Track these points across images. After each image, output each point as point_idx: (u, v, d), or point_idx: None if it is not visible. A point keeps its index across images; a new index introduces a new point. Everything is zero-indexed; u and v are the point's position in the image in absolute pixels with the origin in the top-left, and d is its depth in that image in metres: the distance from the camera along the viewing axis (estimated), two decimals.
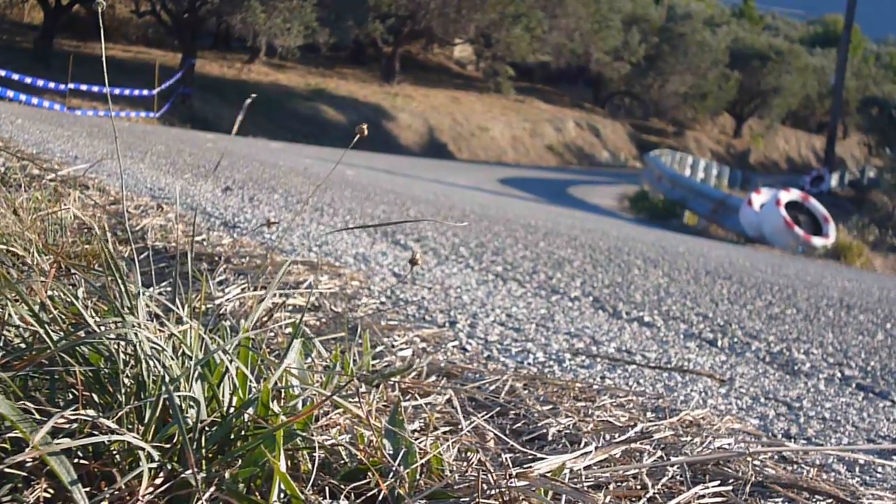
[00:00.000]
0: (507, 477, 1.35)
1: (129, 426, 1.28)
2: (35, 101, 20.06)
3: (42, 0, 26.69)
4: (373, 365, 2.06)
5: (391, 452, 1.39)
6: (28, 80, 20.02)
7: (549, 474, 1.42)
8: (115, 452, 1.25)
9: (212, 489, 1.22)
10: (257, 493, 1.27)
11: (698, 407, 2.30)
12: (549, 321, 3.34)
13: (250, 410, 1.32)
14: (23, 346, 1.40)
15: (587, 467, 1.56)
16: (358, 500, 1.32)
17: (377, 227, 3.17)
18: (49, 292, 1.51)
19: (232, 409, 1.35)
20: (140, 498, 1.18)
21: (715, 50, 42.01)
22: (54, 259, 2.03)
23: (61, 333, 1.38)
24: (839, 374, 3.33)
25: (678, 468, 1.62)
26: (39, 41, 26.05)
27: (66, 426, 1.23)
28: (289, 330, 2.06)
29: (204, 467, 1.26)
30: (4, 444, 1.23)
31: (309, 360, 1.69)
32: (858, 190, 32.13)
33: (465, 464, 1.45)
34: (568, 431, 1.81)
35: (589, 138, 39.68)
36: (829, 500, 1.63)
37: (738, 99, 46.31)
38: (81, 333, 1.36)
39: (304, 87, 31.93)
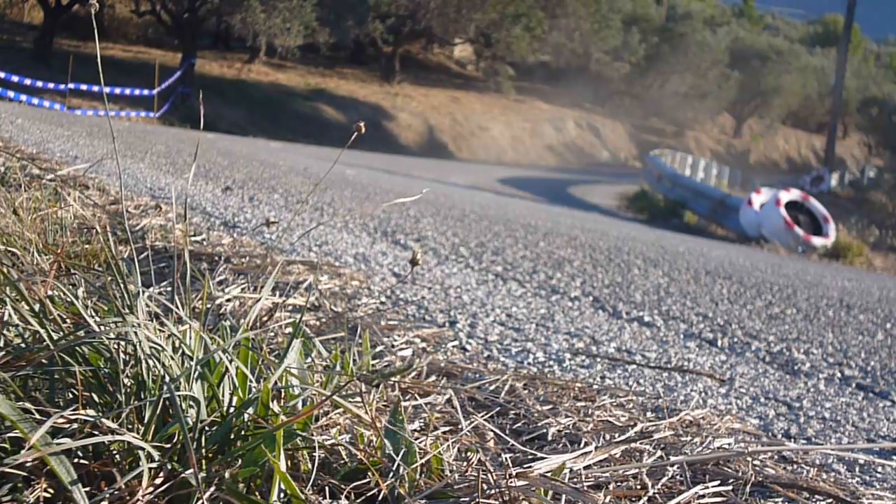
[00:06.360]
0: (507, 477, 1.35)
1: (129, 426, 1.28)
2: (35, 100, 20.06)
3: (42, 0, 26.69)
4: (373, 365, 2.06)
5: (391, 452, 1.38)
6: (27, 81, 20.02)
7: (549, 474, 1.42)
8: (115, 452, 1.25)
9: (212, 489, 1.22)
10: (257, 493, 1.27)
11: (698, 407, 2.30)
12: (548, 321, 3.33)
13: (250, 410, 1.32)
14: (23, 346, 1.40)
15: (587, 467, 1.56)
16: (358, 500, 1.32)
17: (353, 215, 3.17)
18: (49, 292, 1.50)
19: (232, 409, 1.34)
20: (140, 498, 1.18)
21: (715, 50, 42.05)
22: (54, 259, 2.03)
23: (61, 333, 1.38)
24: (839, 374, 3.33)
25: (678, 468, 1.62)
26: (39, 41, 26.06)
27: (66, 426, 1.23)
28: (289, 330, 2.06)
29: (204, 467, 1.26)
30: (4, 444, 1.23)
31: (309, 359, 1.69)
32: (858, 190, 32.11)
33: (465, 464, 1.45)
34: (568, 431, 1.81)
35: (589, 138, 39.70)
36: (829, 500, 1.63)
37: (737, 99, 46.34)
38: (81, 333, 1.36)
39: (304, 87, 31.93)
